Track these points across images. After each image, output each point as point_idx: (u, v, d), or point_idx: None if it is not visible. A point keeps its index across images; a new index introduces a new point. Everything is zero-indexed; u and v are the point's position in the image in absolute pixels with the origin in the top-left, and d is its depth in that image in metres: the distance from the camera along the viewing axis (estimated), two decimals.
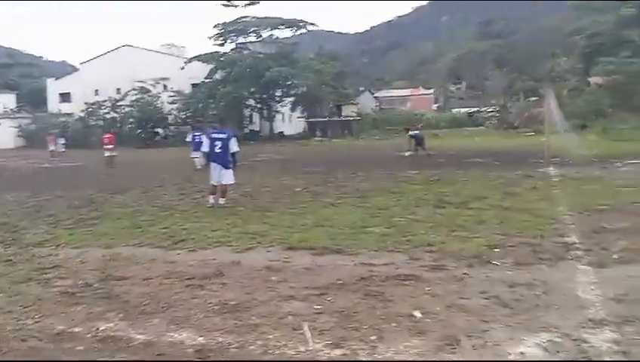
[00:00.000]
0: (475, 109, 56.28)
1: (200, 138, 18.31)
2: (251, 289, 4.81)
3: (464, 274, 4.98)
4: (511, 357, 3.21)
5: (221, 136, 9.74)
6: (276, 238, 6.85)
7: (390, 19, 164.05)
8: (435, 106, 71.89)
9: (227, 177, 9.72)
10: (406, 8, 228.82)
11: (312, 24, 50.81)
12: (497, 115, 48.92)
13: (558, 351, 3.26)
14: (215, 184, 9.79)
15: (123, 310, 4.33)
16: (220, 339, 3.67)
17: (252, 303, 4.39)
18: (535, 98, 43.00)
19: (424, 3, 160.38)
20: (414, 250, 5.96)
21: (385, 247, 6.14)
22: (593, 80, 42.50)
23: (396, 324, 3.76)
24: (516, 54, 73.53)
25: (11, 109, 58.81)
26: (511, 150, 21.87)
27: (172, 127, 47.32)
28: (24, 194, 13.10)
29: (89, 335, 3.81)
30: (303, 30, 51.29)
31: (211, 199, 9.82)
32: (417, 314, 3.93)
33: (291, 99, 49.00)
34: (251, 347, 3.51)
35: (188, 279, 5.15)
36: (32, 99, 62.01)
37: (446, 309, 4.05)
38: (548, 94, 18.94)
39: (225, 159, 9.63)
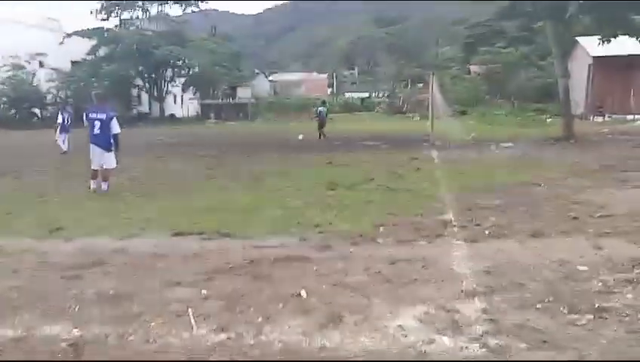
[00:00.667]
0: (367, 95, 58.20)
1: (68, 120, 17.55)
2: (134, 277, 4.62)
3: (350, 252, 5.16)
4: (391, 331, 3.38)
5: (100, 116, 9.07)
6: (164, 224, 6.62)
7: (285, 1, 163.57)
8: (328, 91, 73.19)
9: (109, 161, 9.20)
10: None
11: (204, 1, 49.16)
12: (387, 100, 51.01)
13: (433, 322, 3.49)
14: (96, 168, 9.22)
15: None
16: (97, 331, 3.48)
17: (134, 292, 4.21)
18: (421, 84, 45.40)
19: None
20: (304, 231, 6.05)
21: (275, 230, 6.17)
22: (473, 68, 45.69)
23: (282, 305, 3.81)
24: (406, 41, 76.84)
25: None
26: (399, 134, 22.89)
27: (50, 108, 43.68)
28: None
29: None
30: (195, 8, 49.60)
31: (93, 184, 9.27)
32: (303, 293, 4.00)
33: (183, 79, 47.33)
34: (131, 337, 3.37)
35: (63, 270, 4.82)
36: None
37: (331, 287, 4.17)
38: (432, 81, 20.00)
39: (106, 141, 9.09)
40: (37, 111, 43.27)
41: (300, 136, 21.52)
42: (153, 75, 45.23)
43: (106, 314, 3.74)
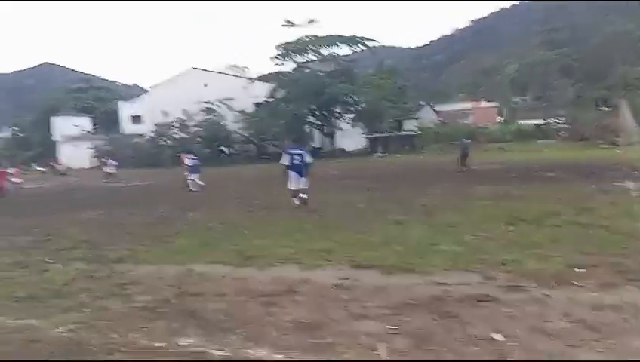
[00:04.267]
0: (542, 121, 54.31)
1: (197, 161, 19.39)
2: (323, 307, 4.82)
3: (544, 295, 4.77)
4: None
5: (298, 151, 12.37)
6: (344, 256, 6.84)
7: (450, 32, 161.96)
8: (499, 119, 69.92)
9: (303, 183, 12.19)
10: (465, 22, 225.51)
11: (371, 40, 50.94)
12: (567, 126, 46.98)
13: None
14: (295, 188, 12.15)
15: (200, 326, 4.45)
16: (297, 358, 3.69)
17: (325, 321, 4.39)
18: (607, 108, 41.02)
19: (485, 15, 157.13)
20: (488, 269, 5.77)
21: (457, 266, 5.98)
22: None
23: (477, 347, 3.64)
24: (584, 62, 70.61)
25: (87, 131, 62.62)
26: (583, 163, 20.87)
27: (236, 145, 48.74)
28: (99, 211, 13.82)
29: (171, 350, 3.94)
30: (362, 47, 51.54)
31: (296, 201, 12.07)
32: (498, 337, 3.79)
33: (351, 115, 49.23)
34: None
35: (260, 296, 5.23)
36: (106, 122, 65.73)
37: (528, 333, 3.88)
38: (621, 103, 17.97)
39: (302, 169, 12.12)
40: (225, 148, 48.52)
41: (464, 168, 20.86)
42: (324, 112, 47.86)
43: (303, 342, 3.95)
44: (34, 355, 4.01)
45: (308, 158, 12.30)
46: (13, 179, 25.32)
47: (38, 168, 49.21)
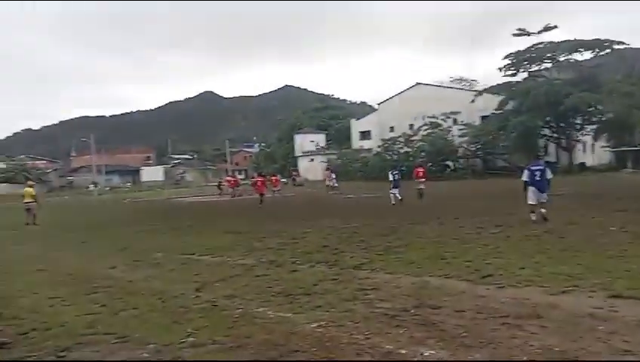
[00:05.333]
0: None
1: (398, 176, 20.34)
2: (576, 336, 4.37)
3: None
4: None
5: (539, 167, 12.49)
6: (595, 283, 6.11)
7: None
8: None
9: (544, 198, 12.27)
10: None
11: (619, 42, 44.79)
12: None
13: None
14: (533, 203, 12.23)
15: (442, 339, 4.44)
16: None
17: (580, 352, 3.98)
18: None
19: None
20: None
21: None
22: None
23: None
24: None
25: (322, 147, 68.57)
26: None
27: (461, 160, 47.81)
28: (335, 221, 14.91)
29: (415, 359, 4.01)
30: (607, 50, 45.75)
31: (533, 216, 12.07)
32: None
33: (594, 126, 44.07)
34: None
35: (502, 317, 4.99)
36: (339, 138, 71.07)
37: None
38: None
39: (543, 185, 12.23)
40: (449, 163, 48.00)
41: None
42: (561, 124, 43.85)
43: None
44: (293, 346, 4.48)
45: (549, 174, 12.39)
46: (274, 188, 29.12)
47: (282, 180, 55.62)
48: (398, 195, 19.82)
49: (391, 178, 20.41)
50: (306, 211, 20.03)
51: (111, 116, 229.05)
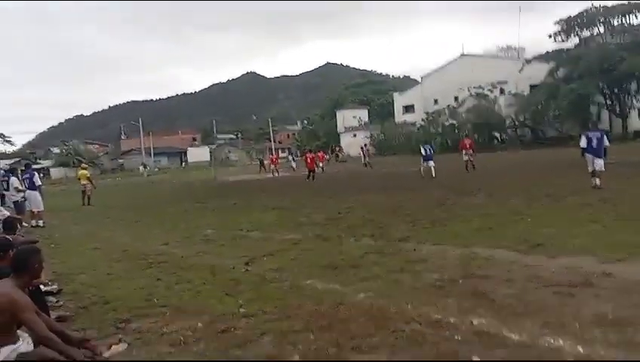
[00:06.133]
0: None
1: (430, 150, 21.05)
2: (630, 304, 4.26)
3: None
4: None
5: (596, 134, 12.74)
6: None
7: None
8: None
9: (599, 164, 12.33)
10: None
11: None
12: None
13: None
14: (592, 169, 12.40)
15: (491, 308, 4.41)
16: (602, 352, 3.37)
17: (636, 320, 3.88)
18: None
19: None
20: None
21: None
22: None
23: None
24: None
25: (365, 122, 68.11)
26: None
27: (509, 130, 46.54)
28: (380, 195, 14.88)
29: (464, 327, 4.01)
30: None
31: (593, 181, 12.19)
32: None
33: None
34: None
35: (553, 286, 4.91)
36: (381, 112, 70.44)
37: None
38: None
39: (599, 152, 12.40)
40: (496, 134, 46.78)
41: None
42: (615, 90, 41.81)
43: (608, 337, 3.58)
44: (342, 316, 4.55)
45: (606, 142, 12.61)
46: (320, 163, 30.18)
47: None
48: (432, 168, 20.34)
49: (423, 152, 21.16)
50: (350, 186, 20.05)
51: (158, 100, 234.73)
